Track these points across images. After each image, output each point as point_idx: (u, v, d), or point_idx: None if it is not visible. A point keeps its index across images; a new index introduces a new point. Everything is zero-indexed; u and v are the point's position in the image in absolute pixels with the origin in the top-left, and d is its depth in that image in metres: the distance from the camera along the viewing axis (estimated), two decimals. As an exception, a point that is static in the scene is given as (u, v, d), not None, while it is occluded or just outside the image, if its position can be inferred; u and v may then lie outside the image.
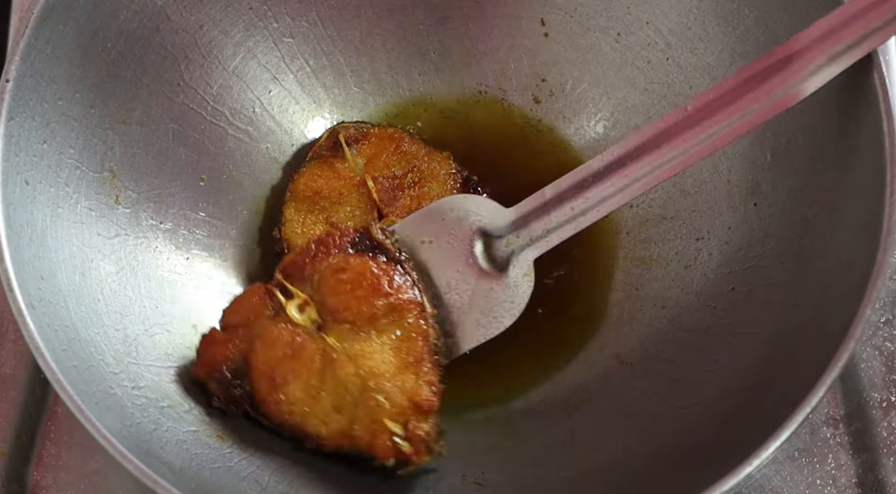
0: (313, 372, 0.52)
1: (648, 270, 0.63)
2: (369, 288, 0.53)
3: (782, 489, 0.59)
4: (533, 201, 0.56)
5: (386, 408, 0.51)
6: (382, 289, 0.53)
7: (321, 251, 0.54)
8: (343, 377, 0.52)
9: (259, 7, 0.64)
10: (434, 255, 0.56)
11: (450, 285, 0.56)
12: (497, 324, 0.56)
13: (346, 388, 0.52)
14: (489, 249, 0.56)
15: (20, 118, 0.52)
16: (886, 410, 0.61)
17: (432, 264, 0.56)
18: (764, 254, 0.57)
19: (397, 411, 0.51)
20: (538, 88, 0.68)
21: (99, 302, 0.54)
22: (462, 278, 0.56)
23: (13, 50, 0.52)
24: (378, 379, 0.52)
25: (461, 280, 0.56)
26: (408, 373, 0.52)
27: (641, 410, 0.57)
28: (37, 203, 0.53)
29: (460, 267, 0.56)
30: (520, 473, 0.56)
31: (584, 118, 0.67)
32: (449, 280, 0.56)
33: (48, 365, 0.47)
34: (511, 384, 0.61)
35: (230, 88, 0.64)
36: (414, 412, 0.52)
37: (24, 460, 0.61)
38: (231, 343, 0.54)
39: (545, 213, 0.55)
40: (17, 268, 0.49)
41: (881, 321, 0.63)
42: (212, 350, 0.54)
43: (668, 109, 0.63)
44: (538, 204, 0.56)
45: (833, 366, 0.46)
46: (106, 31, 0.57)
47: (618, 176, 0.54)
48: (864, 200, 0.50)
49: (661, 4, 0.63)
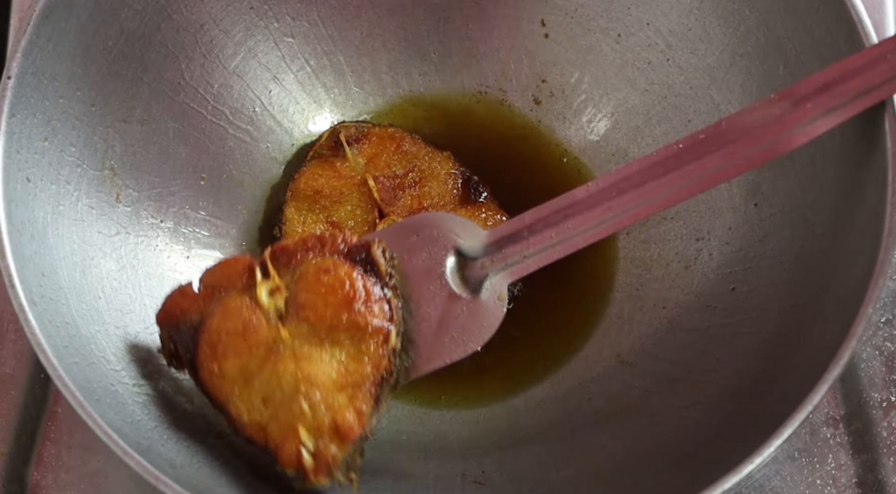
0: (255, 357, 0.51)
1: (648, 270, 0.63)
2: (343, 299, 0.52)
3: (782, 489, 0.59)
4: (511, 226, 0.55)
5: (307, 418, 0.50)
6: (355, 306, 0.51)
7: (316, 247, 0.53)
8: (280, 373, 0.51)
9: (260, 7, 0.64)
10: (408, 270, 0.55)
11: (420, 303, 0.55)
12: (465, 347, 0.55)
13: (280, 384, 0.51)
14: (463, 269, 0.55)
15: (22, 115, 0.52)
16: (886, 410, 0.61)
17: (405, 280, 0.55)
18: (764, 254, 0.57)
19: (316, 425, 0.50)
20: (538, 89, 0.68)
21: (100, 300, 0.54)
22: (433, 296, 0.55)
23: (15, 47, 0.52)
24: (311, 387, 0.50)
25: (432, 299, 0.55)
26: (343, 393, 0.51)
27: (641, 410, 0.57)
28: (38, 200, 0.53)
29: (433, 286, 0.55)
30: (520, 473, 0.56)
31: (584, 119, 0.67)
32: (420, 298, 0.55)
33: (50, 361, 0.47)
34: (511, 383, 0.61)
35: (231, 87, 0.64)
36: (331, 432, 0.50)
37: (24, 460, 0.60)
38: (197, 302, 0.53)
39: (522, 239, 0.54)
40: (19, 265, 0.49)
41: (881, 321, 0.63)
42: (178, 302, 0.53)
43: (668, 110, 0.64)
44: (516, 229, 0.55)
45: (834, 366, 0.47)
46: (107, 29, 0.57)
47: (601, 208, 0.53)
48: (865, 199, 0.50)
49: (662, 5, 0.63)
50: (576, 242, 0.54)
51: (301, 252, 0.53)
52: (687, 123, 0.63)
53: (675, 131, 0.63)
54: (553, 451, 0.57)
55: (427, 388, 0.61)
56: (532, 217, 0.55)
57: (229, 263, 0.54)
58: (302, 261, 0.53)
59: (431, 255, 0.55)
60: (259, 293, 0.52)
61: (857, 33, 0.52)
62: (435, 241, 0.56)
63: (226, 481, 0.51)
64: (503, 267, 0.55)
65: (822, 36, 0.55)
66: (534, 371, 0.61)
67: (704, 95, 0.62)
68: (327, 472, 0.50)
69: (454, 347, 0.54)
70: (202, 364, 0.52)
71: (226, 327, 0.52)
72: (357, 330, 0.51)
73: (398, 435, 0.59)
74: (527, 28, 0.67)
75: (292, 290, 0.52)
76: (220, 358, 0.51)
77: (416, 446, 0.59)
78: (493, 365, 0.61)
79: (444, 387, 0.61)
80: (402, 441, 0.59)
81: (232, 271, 0.53)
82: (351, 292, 0.52)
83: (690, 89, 0.63)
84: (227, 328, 0.51)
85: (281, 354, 0.51)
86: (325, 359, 0.51)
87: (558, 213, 0.54)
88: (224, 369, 0.51)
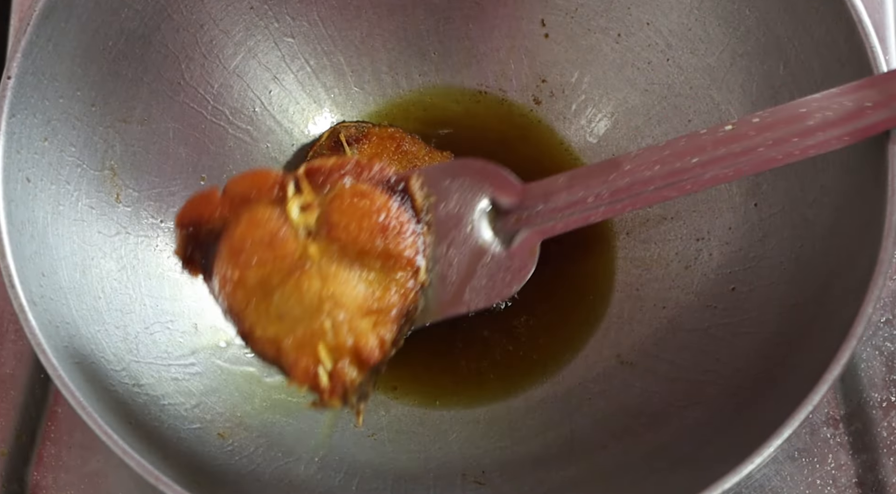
0: (278, 270, 0.50)
1: (648, 270, 0.63)
2: (378, 226, 0.51)
3: (782, 489, 0.59)
4: (548, 184, 0.54)
5: (328, 337, 0.49)
6: (390, 234, 0.51)
7: (352, 172, 0.52)
8: (303, 289, 0.50)
9: (260, 7, 0.64)
10: (439, 213, 0.54)
11: (447, 247, 0.54)
12: (488, 296, 0.54)
13: (301, 301, 0.50)
14: (496, 220, 0.54)
15: (21, 115, 0.52)
16: (886, 410, 0.61)
17: (437, 221, 0.54)
18: (764, 254, 0.57)
19: (336, 346, 0.49)
20: (538, 89, 0.68)
21: (100, 300, 0.54)
22: (461, 242, 0.54)
23: (15, 47, 0.52)
24: (336, 307, 0.49)
25: (460, 245, 0.54)
26: (367, 318, 0.50)
27: (641, 410, 0.57)
28: (38, 200, 0.53)
29: (462, 232, 0.54)
30: (520, 473, 0.56)
31: (584, 119, 0.67)
32: (448, 242, 0.54)
33: (49, 361, 0.47)
34: (511, 383, 0.61)
35: (231, 87, 0.64)
36: (352, 356, 0.49)
37: (24, 460, 0.60)
38: (221, 207, 0.52)
39: (559, 198, 0.53)
40: (19, 265, 0.49)
41: (881, 321, 0.63)
42: (200, 206, 0.52)
43: (668, 110, 0.64)
44: (553, 188, 0.54)
45: (834, 366, 0.47)
46: (107, 29, 0.57)
47: (640, 180, 0.52)
48: (866, 199, 0.50)
49: (662, 5, 0.63)
50: (612, 209, 0.53)
51: (337, 174, 0.52)
52: (687, 123, 0.63)
53: (675, 131, 0.63)
54: (553, 451, 0.57)
55: (427, 388, 0.61)
56: (571, 179, 0.54)
57: (259, 174, 0.53)
58: (336, 183, 0.52)
59: (464, 201, 0.54)
60: (290, 207, 0.51)
61: (857, 33, 0.52)
62: (469, 188, 0.55)
63: (226, 481, 0.51)
64: (536, 224, 0.54)
65: (822, 36, 0.55)
66: (534, 371, 0.61)
67: (704, 95, 0.62)
68: (343, 394, 0.49)
69: (477, 295, 0.54)
70: (220, 271, 0.50)
71: (252, 235, 0.50)
72: (389, 258, 0.51)
73: (398, 435, 0.59)
74: (527, 28, 0.67)
75: (325, 209, 0.51)
76: (241, 267, 0.50)
77: (416, 446, 0.59)
78: (493, 365, 0.61)
79: (444, 387, 0.61)
80: (402, 440, 0.59)
81: (260, 180, 0.52)
82: (387, 220, 0.51)
83: (690, 89, 0.63)
84: (253, 236, 0.50)
85: (306, 270, 0.50)
86: (352, 282, 0.50)
87: (598, 178, 0.53)
88: (244, 278, 0.50)
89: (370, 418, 0.59)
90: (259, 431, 0.55)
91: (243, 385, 0.58)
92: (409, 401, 0.61)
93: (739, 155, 0.50)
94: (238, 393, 0.57)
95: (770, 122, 0.50)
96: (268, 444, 0.55)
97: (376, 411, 0.60)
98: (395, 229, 0.51)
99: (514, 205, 0.54)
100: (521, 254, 0.54)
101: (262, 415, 0.57)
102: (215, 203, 0.52)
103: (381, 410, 0.60)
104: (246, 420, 0.55)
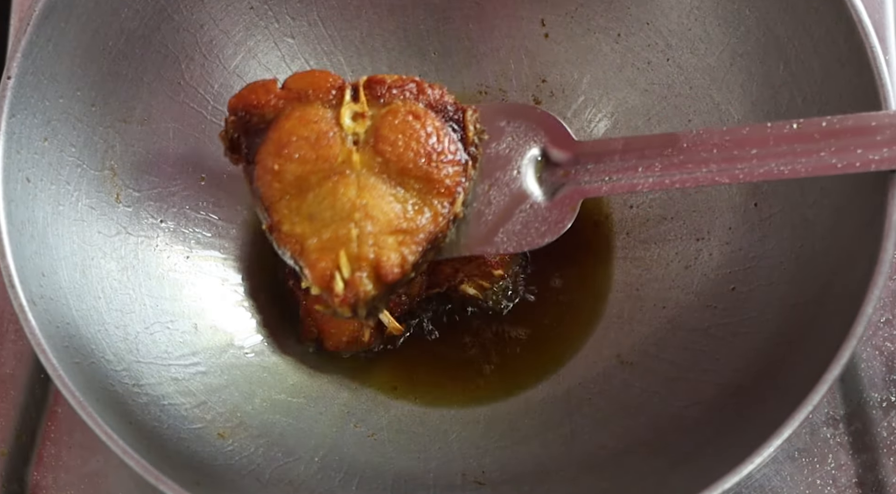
0: (318, 171, 0.51)
1: (648, 270, 0.63)
2: (426, 149, 0.51)
3: (782, 489, 0.59)
4: (602, 145, 0.54)
5: (351, 245, 0.50)
6: (434, 158, 0.51)
7: (412, 91, 0.53)
8: (338, 194, 0.50)
9: (260, 7, 0.64)
10: (490, 151, 0.55)
11: (489, 186, 0.54)
12: (519, 242, 0.54)
13: (333, 205, 0.50)
14: (542, 170, 0.55)
15: (22, 115, 0.52)
16: (886, 410, 0.61)
17: (484, 160, 0.54)
18: (764, 254, 0.57)
19: (358, 255, 0.50)
20: (538, 89, 0.68)
21: (100, 300, 0.54)
22: (504, 185, 0.54)
23: (15, 47, 0.52)
24: (366, 218, 0.50)
25: (502, 187, 0.54)
26: (394, 236, 0.50)
27: (641, 409, 0.57)
28: (38, 200, 0.53)
29: (506, 175, 0.54)
30: (520, 473, 0.56)
31: (584, 119, 0.67)
32: (491, 182, 0.54)
33: (50, 361, 0.47)
34: (511, 383, 0.61)
35: (231, 87, 0.64)
36: (370, 269, 0.50)
37: (24, 460, 0.60)
38: (277, 100, 0.53)
39: (610, 161, 0.53)
40: (19, 264, 0.49)
41: (881, 321, 0.63)
42: (257, 93, 0.53)
43: (668, 110, 0.64)
44: (606, 150, 0.54)
45: (834, 366, 0.47)
46: (107, 29, 0.57)
47: (695, 160, 0.52)
48: (866, 199, 0.50)
49: (662, 5, 0.63)
50: (661, 181, 0.53)
51: (395, 90, 0.53)
52: (687, 123, 0.63)
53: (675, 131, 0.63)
54: (553, 451, 0.57)
55: (427, 388, 0.61)
56: (626, 144, 0.54)
57: (321, 74, 0.54)
58: (393, 99, 0.53)
59: (516, 145, 0.55)
60: (343, 112, 0.52)
61: (857, 33, 0.52)
62: (523, 133, 0.55)
63: (226, 481, 0.51)
64: (582, 182, 0.54)
65: (822, 36, 0.55)
66: (534, 371, 0.61)
67: (704, 95, 0.62)
68: (353, 304, 0.50)
69: (508, 239, 0.54)
70: (262, 160, 0.52)
71: (300, 131, 0.51)
72: (428, 182, 0.51)
73: (398, 435, 0.59)
74: (527, 28, 0.67)
75: (376, 122, 0.52)
76: (283, 159, 0.51)
77: (416, 446, 0.59)
78: (493, 366, 0.61)
79: (444, 387, 0.61)
80: (402, 440, 0.59)
81: (321, 81, 0.53)
82: (435, 144, 0.52)
83: (690, 89, 0.63)
84: (301, 132, 0.51)
85: (345, 177, 0.51)
86: (387, 197, 0.51)
87: (655, 149, 0.53)
88: (283, 170, 0.51)
89: (370, 418, 0.59)
90: (259, 431, 0.55)
91: (243, 385, 0.58)
92: (409, 401, 0.61)
93: (800, 155, 0.50)
94: (238, 393, 0.57)
95: (837, 129, 0.50)
96: (268, 444, 0.55)
97: (376, 411, 0.60)
98: (441, 156, 0.51)
99: (565, 159, 0.54)
100: (562, 207, 0.54)
101: (263, 415, 0.57)
102: (272, 93, 0.53)
103: (381, 410, 0.60)
104: (246, 420, 0.55)
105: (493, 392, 0.61)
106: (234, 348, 0.59)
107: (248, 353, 0.60)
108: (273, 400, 0.58)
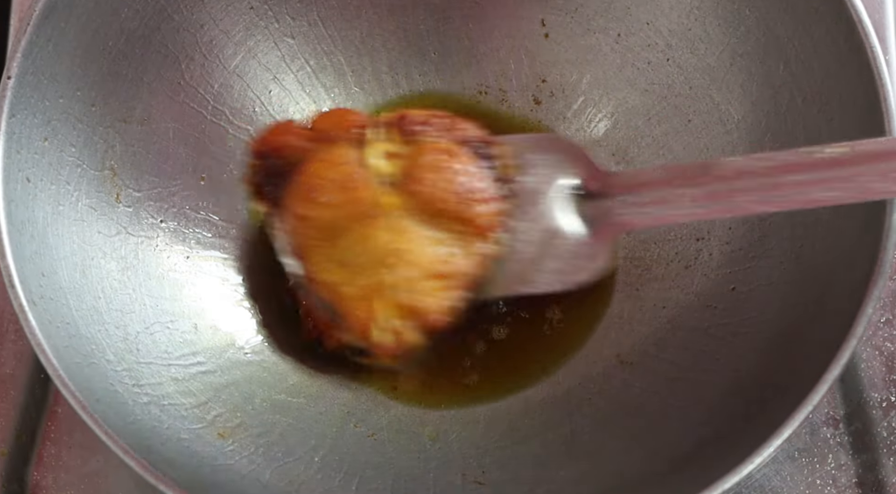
0: (349, 214, 0.49)
1: (648, 270, 0.63)
2: (464, 189, 0.49)
3: (782, 489, 0.59)
4: (637, 176, 0.52)
5: (386, 292, 0.48)
6: (474, 199, 0.49)
7: (443, 127, 0.51)
8: (371, 239, 0.48)
9: (260, 7, 0.64)
10: (520, 184, 0.52)
11: (523, 221, 0.52)
12: (558, 280, 0.52)
13: (366, 250, 0.48)
14: (575, 203, 0.53)
15: (21, 115, 0.52)
16: (886, 410, 0.61)
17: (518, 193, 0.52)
18: (764, 254, 0.57)
19: (395, 305, 0.48)
20: (538, 89, 0.68)
21: (100, 300, 0.54)
22: (539, 218, 0.52)
23: (15, 47, 0.52)
24: (401, 264, 0.48)
25: (537, 221, 0.52)
26: (433, 281, 0.48)
27: (641, 410, 0.57)
28: (38, 200, 0.53)
29: (541, 207, 0.52)
30: (520, 473, 0.56)
31: (584, 119, 0.67)
32: (527, 215, 0.52)
33: (50, 361, 0.47)
34: (511, 383, 0.61)
35: (231, 87, 0.64)
36: (411, 318, 0.48)
37: (24, 460, 0.60)
38: (301, 141, 0.51)
39: (647, 192, 0.51)
40: (19, 264, 0.49)
41: (881, 321, 0.63)
42: (280, 135, 0.51)
43: (668, 110, 0.64)
44: (642, 181, 0.51)
45: (834, 366, 0.47)
46: (107, 29, 0.57)
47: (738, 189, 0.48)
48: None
49: (662, 5, 0.63)
50: (703, 212, 0.50)
51: (426, 127, 0.51)
52: (687, 123, 0.63)
53: (675, 131, 0.63)
54: (553, 451, 0.57)
55: (427, 388, 0.61)
56: (664, 174, 0.51)
57: (347, 112, 0.52)
58: (423, 136, 0.50)
59: (546, 177, 0.52)
60: (368, 151, 0.50)
61: (857, 33, 0.52)
62: (553, 164, 0.53)
63: (226, 481, 0.51)
64: (618, 214, 0.52)
65: (822, 36, 0.55)
66: (534, 371, 0.61)
67: (704, 95, 0.62)
68: (394, 354, 0.48)
69: (543, 278, 0.52)
70: (290, 206, 0.49)
71: (328, 174, 0.49)
72: (466, 223, 0.49)
73: (398, 435, 0.59)
74: (527, 28, 0.67)
75: (408, 161, 0.50)
76: (311, 204, 0.49)
77: (416, 446, 0.59)
78: (493, 365, 0.61)
79: (444, 387, 0.61)
80: (402, 440, 0.59)
81: (347, 120, 0.51)
82: (475, 185, 0.49)
83: (690, 89, 0.63)
84: (329, 175, 0.49)
85: (377, 220, 0.48)
86: (423, 240, 0.48)
87: (693, 178, 0.50)
88: (311, 217, 0.49)
89: (370, 418, 0.59)
90: (259, 431, 0.55)
91: (244, 385, 0.58)
92: (409, 401, 0.61)
93: (846, 181, 0.47)
94: (238, 393, 0.57)
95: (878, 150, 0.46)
96: (268, 444, 0.55)
97: (376, 411, 0.60)
98: (478, 195, 0.49)
99: (596, 190, 0.52)
100: (597, 243, 0.52)
101: (263, 415, 0.57)
102: (296, 134, 0.51)
103: (381, 410, 0.60)
104: (246, 421, 0.55)
105: (493, 392, 0.61)
106: (234, 348, 0.59)
107: (248, 353, 0.60)
108: (273, 400, 0.58)
